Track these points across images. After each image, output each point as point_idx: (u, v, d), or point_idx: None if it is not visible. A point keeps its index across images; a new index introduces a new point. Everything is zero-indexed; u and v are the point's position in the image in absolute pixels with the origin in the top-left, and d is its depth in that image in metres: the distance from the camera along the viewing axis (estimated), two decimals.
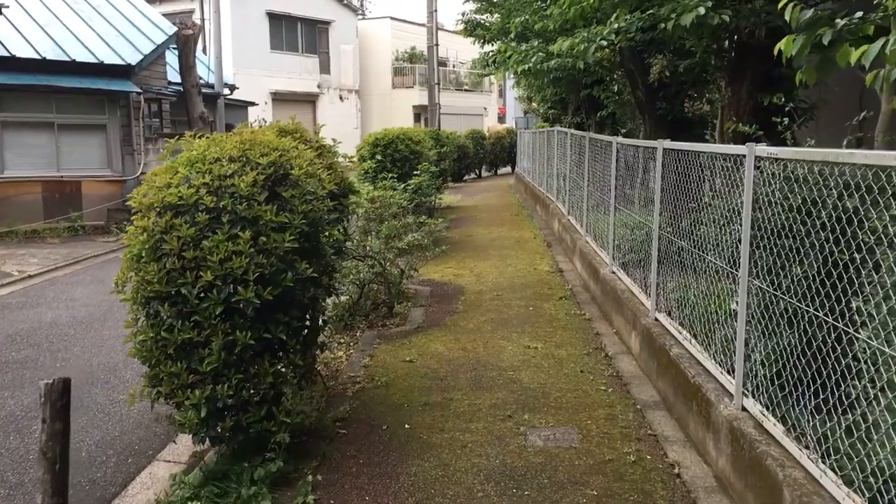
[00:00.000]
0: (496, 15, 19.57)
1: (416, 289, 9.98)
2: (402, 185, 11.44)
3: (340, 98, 40.88)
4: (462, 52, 47.20)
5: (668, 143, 6.43)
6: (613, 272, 8.49)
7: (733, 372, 4.54)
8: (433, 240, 9.76)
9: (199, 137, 5.04)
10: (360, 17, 44.28)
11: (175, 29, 18.95)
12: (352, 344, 7.70)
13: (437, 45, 25.94)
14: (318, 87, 39.04)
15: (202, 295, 4.26)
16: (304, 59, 38.31)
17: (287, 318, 4.58)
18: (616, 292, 7.84)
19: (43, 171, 15.39)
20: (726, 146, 4.90)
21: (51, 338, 8.20)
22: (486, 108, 50.46)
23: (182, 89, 19.62)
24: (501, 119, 55.49)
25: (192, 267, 4.27)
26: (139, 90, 16.65)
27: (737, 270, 4.56)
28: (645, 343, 6.51)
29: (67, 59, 15.60)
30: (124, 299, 4.48)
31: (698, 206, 5.48)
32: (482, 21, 17.52)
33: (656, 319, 6.48)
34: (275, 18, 36.28)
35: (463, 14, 19.53)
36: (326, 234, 5.20)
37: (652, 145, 7.09)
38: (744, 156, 4.42)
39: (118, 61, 16.35)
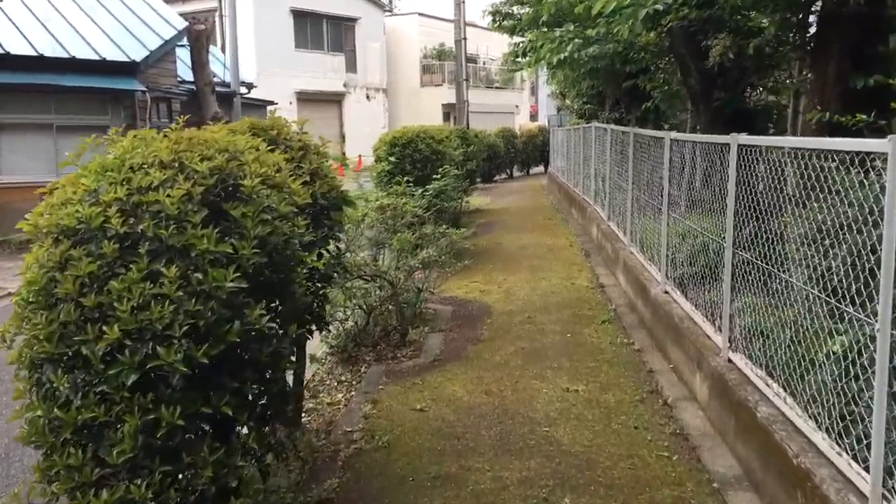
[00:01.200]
0: (526, 7, 18.28)
1: (435, 308, 8.70)
2: (420, 190, 10.12)
3: (367, 97, 39.82)
4: (492, 48, 45.92)
5: (745, 138, 5.06)
6: (667, 292, 7.12)
7: (866, 462, 3.19)
8: (454, 253, 8.45)
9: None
10: (387, 13, 43.18)
11: (186, 24, 17.87)
12: (354, 382, 6.44)
13: (465, 38, 24.62)
14: (345, 85, 37.99)
15: (109, 358, 3.02)
16: (329, 58, 37.29)
17: (237, 384, 3.32)
18: (672, 318, 6.48)
19: (41, 177, 14.38)
20: (849, 140, 3.52)
21: None
22: (517, 106, 49.07)
23: (195, 88, 18.57)
24: (533, 117, 54.05)
25: (94, 318, 3.03)
26: (144, 89, 15.58)
27: (871, 317, 3.20)
28: (716, 391, 5.14)
29: (67, 56, 14.58)
30: (11, 361, 3.25)
31: (798, 216, 4.12)
32: (511, 11, 16.15)
33: (730, 361, 5.11)
34: (299, 16, 35.28)
35: (491, 5, 18.24)
36: (300, 262, 3.92)
37: (720, 140, 5.72)
38: (883, 155, 3.07)
39: (122, 58, 15.30)
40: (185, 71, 19.52)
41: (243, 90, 21.97)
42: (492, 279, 10.21)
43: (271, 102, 23.93)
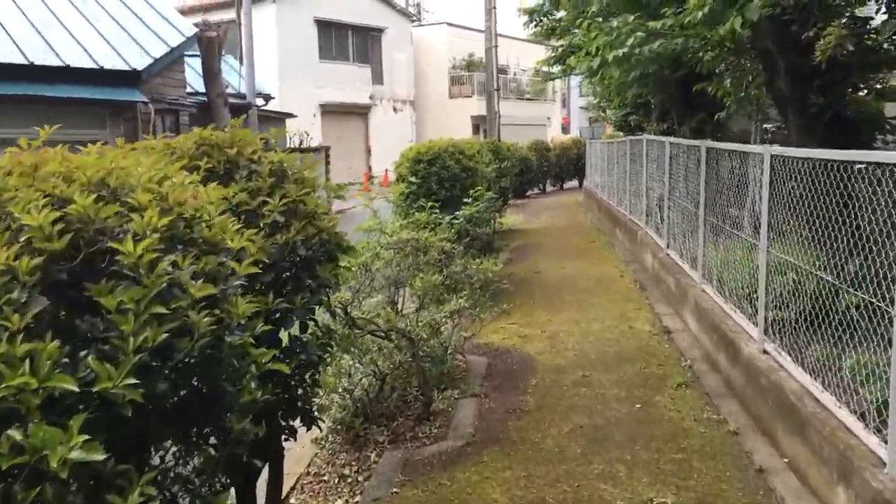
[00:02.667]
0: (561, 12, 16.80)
1: (467, 360, 7.13)
2: (449, 218, 8.48)
3: (394, 109, 38.46)
4: (523, 59, 44.43)
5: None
6: (767, 352, 5.48)
7: None
8: (491, 294, 6.88)
9: None
10: (414, 23, 41.85)
11: (196, 31, 16.57)
12: (360, 478, 4.88)
13: (496, 46, 23.07)
14: (371, 97, 36.66)
15: None
16: (355, 69, 35.98)
17: None
18: (782, 393, 4.84)
19: None
20: None
21: None
22: (549, 118, 47.44)
23: (206, 99, 17.28)
24: (565, 129, 52.43)
25: None
26: (146, 100, 14.24)
27: None
28: None
29: (61, 63, 13.27)
30: None
31: None
32: (550, 10, 14.61)
33: None
34: (324, 26, 34.03)
35: (526, 7, 16.76)
36: (251, 364, 2.37)
37: (869, 158, 4.11)
38: None
39: (122, 66, 13.95)
40: (196, 81, 18.25)
41: (260, 102, 20.64)
42: (533, 320, 8.61)
43: (290, 115, 22.60)
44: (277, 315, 3.18)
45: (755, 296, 5.88)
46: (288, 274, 3.30)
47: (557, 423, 5.52)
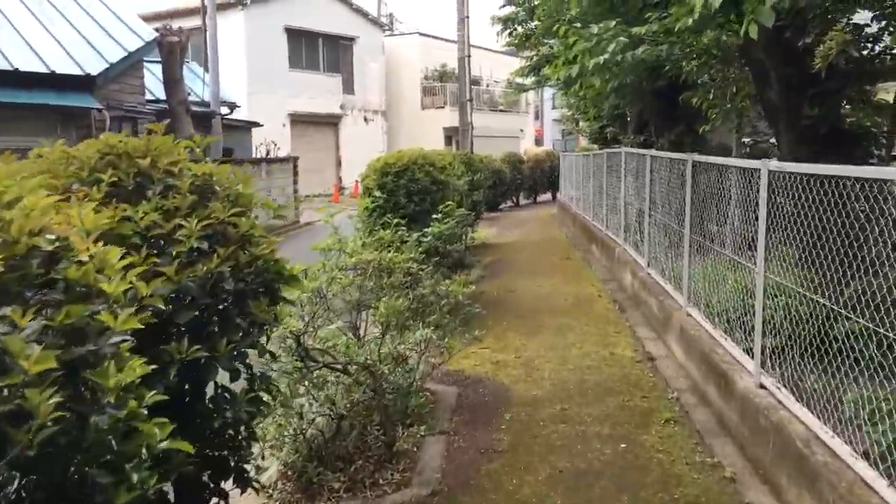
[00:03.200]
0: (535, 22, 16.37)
1: (435, 390, 6.55)
2: (416, 235, 7.83)
3: (365, 120, 37.85)
4: (496, 70, 44.08)
5: None
6: (764, 387, 4.98)
7: None
8: (462, 320, 6.31)
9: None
10: (386, 32, 41.32)
11: (156, 35, 15.89)
12: None
13: (469, 55, 22.60)
14: (341, 107, 36.03)
15: None
16: (325, 78, 35.33)
17: None
18: (784, 436, 4.33)
19: None
20: None
21: None
22: (522, 130, 47.11)
23: (167, 107, 16.58)
24: (538, 141, 52.18)
25: None
26: (101, 107, 13.52)
27: None
28: None
29: (9, 67, 12.53)
30: None
31: None
32: (523, 18, 14.14)
33: None
34: (294, 34, 33.35)
35: (500, 16, 16.30)
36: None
37: (881, 175, 3.62)
38: None
39: (76, 71, 13.25)
40: (158, 88, 17.54)
41: (225, 110, 19.95)
42: (507, 343, 8.05)
43: (256, 124, 21.91)
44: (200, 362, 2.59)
45: (750, 322, 5.39)
46: (212, 312, 2.71)
47: (535, 467, 4.95)
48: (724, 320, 6.07)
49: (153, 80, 17.74)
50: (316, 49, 34.98)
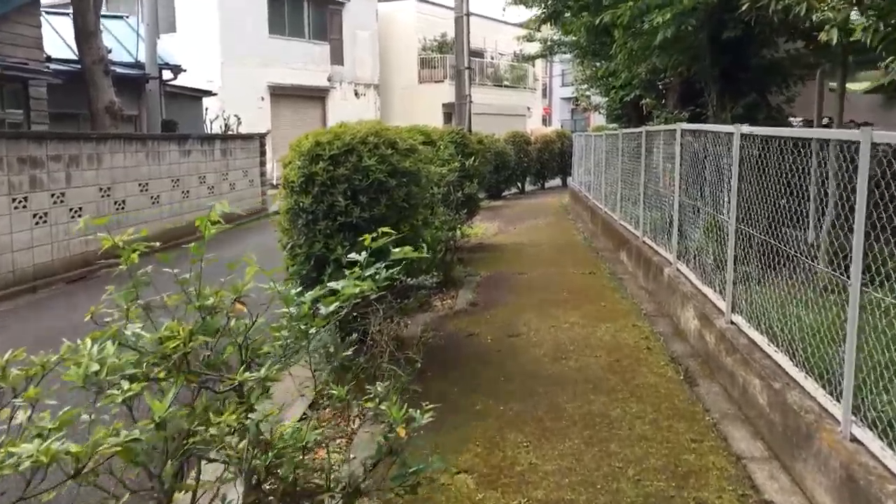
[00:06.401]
0: None
1: None
2: (372, 271, 3.79)
3: (356, 93, 34.17)
4: (501, 43, 40.36)
5: None
6: None
7: None
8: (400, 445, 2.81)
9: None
10: None
11: None
12: None
13: (468, 15, 18.95)
14: (329, 79, 32.33)
15: None
16: (311, 47, 31.56)
17: None
18: None
19: None
20: None
21: None
22: (529, 108, 43.31)
23: (80, 67, 13.06)
24: (546, 120, 48.46)
25: None
26: None
27: None
28: None
29: None
30: None
31: None
32: None
33: None
34: None
35: None
36: None
37: None
38: None
39: None
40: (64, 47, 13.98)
41: (168, 75, 16.28)
42: (504, 461, 4.56)
43: (209, 93, 18.24)
44: None
45: None
46: None
47: None
48: None
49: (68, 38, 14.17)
50: (300, 13, 31.20)
